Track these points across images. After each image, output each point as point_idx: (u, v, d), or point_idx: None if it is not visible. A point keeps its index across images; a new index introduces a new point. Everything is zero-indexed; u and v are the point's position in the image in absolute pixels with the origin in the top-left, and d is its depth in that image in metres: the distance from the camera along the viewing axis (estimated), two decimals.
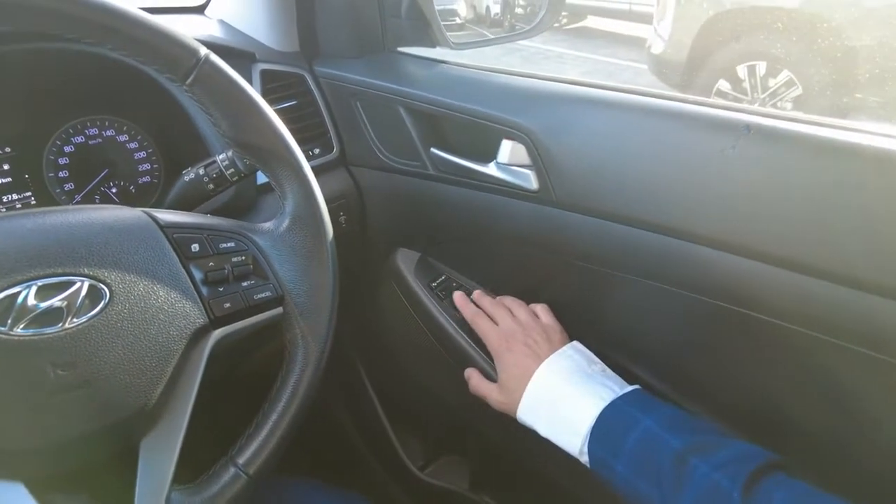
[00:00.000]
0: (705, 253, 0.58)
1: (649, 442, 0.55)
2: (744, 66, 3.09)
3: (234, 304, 0.49)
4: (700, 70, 3.27)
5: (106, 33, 0.45)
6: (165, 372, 0.45)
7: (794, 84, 2.96)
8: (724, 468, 0.50)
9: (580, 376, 0.63)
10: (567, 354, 0.66)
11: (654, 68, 3.58)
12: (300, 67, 0.83)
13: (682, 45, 3.28)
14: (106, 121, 0.75)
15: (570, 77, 0.69)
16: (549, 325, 0.72)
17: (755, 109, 0.58)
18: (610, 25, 5.60)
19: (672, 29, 3.33)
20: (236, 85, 0.50)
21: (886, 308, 0.49)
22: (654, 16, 3.56)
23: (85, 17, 0.44)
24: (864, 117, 2.82)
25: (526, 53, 4.90)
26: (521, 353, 0.68)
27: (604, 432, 0.58)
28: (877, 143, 0.50)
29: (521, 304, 0.75)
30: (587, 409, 0.60)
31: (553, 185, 0.66)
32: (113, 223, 0.47)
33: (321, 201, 0.55)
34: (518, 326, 0.71)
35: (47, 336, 0.41)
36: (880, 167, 0.50)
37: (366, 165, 0.85)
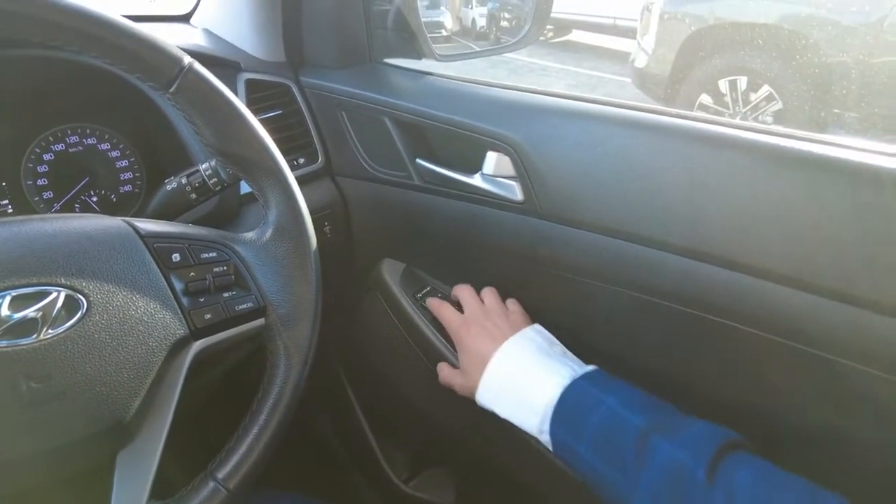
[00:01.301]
0: (686, 264, 0.58)
1: (612, 421, 0.55)
2: (725, 81, 3.15)
3: (215, 315, 0.49)
4: (683, 84, 3.32)
5: (89, 41, 0.45)
6: (144, 384, 0.44)
7: (774, 98, 3.02)
8: (687, 447, 0.50)
9: (539, 355, 0.63)
10: (527, 336, 0.66)
11: (638, 82, 3.63)
12: (286, 77, 0.82)
13: (665, 60, 3.33)
14: (87, 128, 0.74)
15: (554, 90, 0.70)
16: (513, 311, 0.72)
17: (733, 122, 0.59)
18: (594, 39, 5.68)
19: (655, 43, 3.39)
20: (220, 94, 0.50)
21: (858, 317, 0.50)
22: (637, 30, 3.61)
23: (68, 24, 0.43)
24: (841, 132, 2.88)
25: (512, 66, 4.94)
26: (479, 336, 0.68)
27: (566, 413, 0.58)
28: (851, 157, 0.52)
29: (491, 291, 0.75)
30: (547, 387, 0.59)
31: (537, 196, 0.66)
32: (92, 232, 0.46)
33: (305, 212, 0.54)
34: (481, 311, 0.71)
35: (21, 347, 0.40)
36: (855, 180, 0.51)
37: (351, 176, 0.84)
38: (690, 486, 0.48)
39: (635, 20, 3.73)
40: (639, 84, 3.64)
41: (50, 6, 0.42)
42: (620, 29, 5.04)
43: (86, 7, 0.44)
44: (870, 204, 0.50)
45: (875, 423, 0.54)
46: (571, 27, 5.82)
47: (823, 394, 0.56)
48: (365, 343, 0.96)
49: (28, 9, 0.42)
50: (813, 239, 0.52)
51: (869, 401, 0.53)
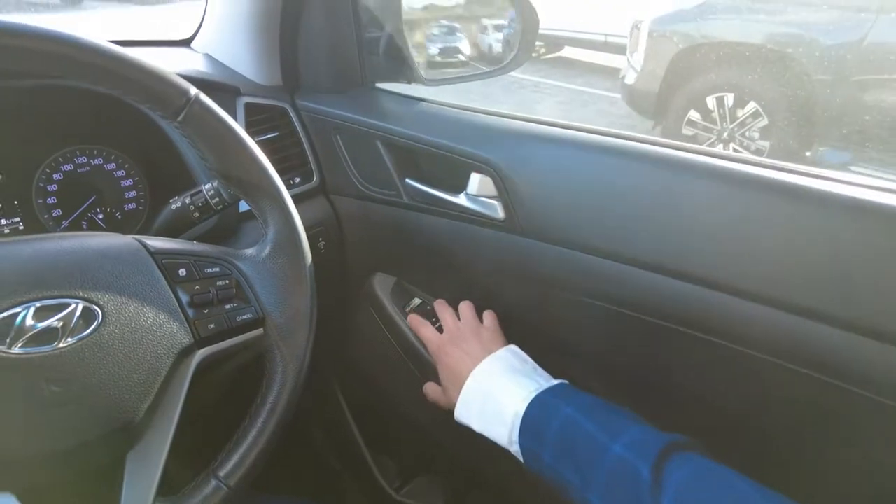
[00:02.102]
0: (657, 279, 0.63)
1: (569, 428, 0.58)
2: (713, 97, 3.22)
3: (217, 324, 0.53)
4: (671, 100, 3.39)
5: (102, 75, 0.48)
6: (152, 388, 0.48)
7: (760, 115, 3.09)
8: (633, 447, 0.53)
9: (510, 373, 0.67)
10: (500, 356, 0.71)
11: (628, 98, 3.70)
12: (282, 101, 0.87)
13: (655, 76, 3.40)
14: (94, 150, 0.78)
15: (532, 116, 0.74)
16: (488, 328, 0.77)
17: (700, 149, 0.64)
18: (585, 56, 5.76)
19: (645, 60, 3.46)
20: (224, 123, 0.54)
21: (835, 337, 0.53)
22: (627, 47, 3.68)
23: (82, 59, 0.47)
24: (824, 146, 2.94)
25: (504, 82, 5.00)
26: (455, 357, 0.73)
27: (531, 424, 0.61)
28: (824, 187, 0.55)
29: (468, 307, 0.79)
30: (514, 400, 0.63)
31: (517, 214, 0.71)
32: (106, 249, 0.50)
33: (301, 230, 0.59)
34: (457, 331, 0.76)
35: (43, 354, 0.44)
36: (825, 206, 0.55)
37: (344, 194, 0.89)
38: (636, 485, 0.50)
39: (625, 37, 3.80)
40: (628, 100, 3.71)
41: (65, 42, 0.46)
42: (611, 46, 5.12)
43: (99, 42, 0.48)
44: (841, 227, 0.54)
45: (850, 438, 0.57)
46: (563, 44, 5.91)
47: (797, 407, 0.59)
48: (357, 354, 1.00)
49: (44, 45, 0.45)
50: (783, 258, 0.56)
51: (842, 415, 0.56)
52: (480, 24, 1.01)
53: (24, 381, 0.43)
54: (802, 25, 2.93)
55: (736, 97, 3.15)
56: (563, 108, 4.75)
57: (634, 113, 3.72)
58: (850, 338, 0.52)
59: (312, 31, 0.84)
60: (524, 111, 0.77)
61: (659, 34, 3.41)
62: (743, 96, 3.13)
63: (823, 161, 2.92)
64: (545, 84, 5.22)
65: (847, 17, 2.81)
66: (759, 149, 3.12)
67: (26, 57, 0.45)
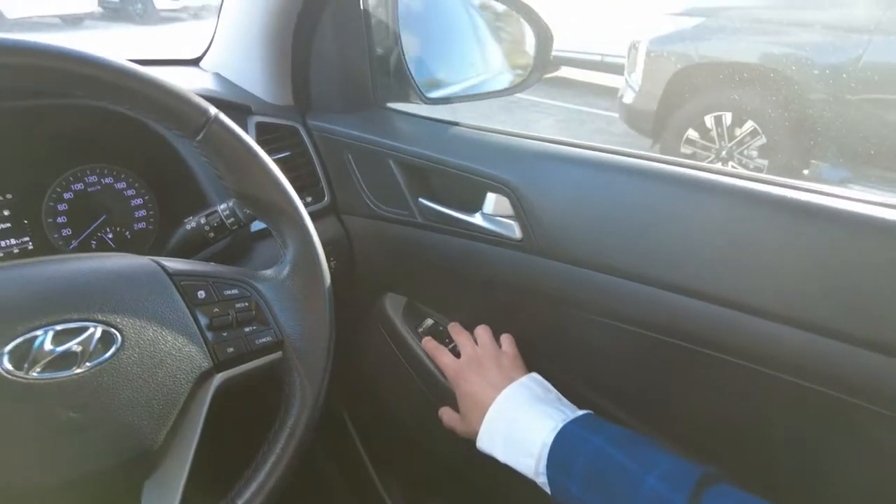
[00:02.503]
0: (676, 299, 0.62)
1: (598, 459, 0.57)
2: (711, 116, 3.25)
3: (237, 348, 0.52)
4: (670, 119, 3.42)
5: (123, 94, 0.48)
6: (171, 414, 0.47)
7: (758, 133, 3.12)
8: (667, 479, 0.52)
9: (534, 402, 0.66)
10: (524, 384, 0.70)
11: (626, 117, 3.73)
12: (294, 120, 0.87)
13: (653, 96, 3.43)
14: (105, 168, 0.78)
15: (548, 136, 0.74)
16: (507, 353, 0.75)
17: (717, 168, 0.63)
18: (583, 75, 5.82)
19: (643, 80, 3.49)
20: (243, 142, 0.54)
21: (840, 350, 0.53)
22: (625, 67, 3.72)
23: (104, 78, 0.47)
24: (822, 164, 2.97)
25: (502, 101, 5.04)
26: (474, 384, 0.72)
27: (558, 455, 0.61)
28: (829, 203, 0.56)
29: (485, 332, 0.78)
30: (540, 431, 0.62)
31: (535, 234, 0.70)
32: (125, 271, 0.49)
33: (320, 252, 0.58)
34: (475, 357, 0.75)
35: (61, 379, 0.43)
36: (831, 223, 0.55)
37: (356, 213, 0.88)
38: None
39: (622, 57, 3.84)
40: (627, 119, 3.74)
41: (88, 62, 0.46)
42: (608, 65, 5.18)
43: (122, 62, 0.48)
44: (847, 244, 0.54)
45: (866, 458, 0.57)
46: (560, 63, 5.97)
47: (823, 430, 0.59)
48: (365, 374, 0.99)
49: (67, 64, 0.45)
50: (807, 279, 0.55)
51: (861, 435, 0.56)
52: (492, 42, 1.01)
53: (42, 406, 0.42)
54: (798, 46, 2.96)
55: (734, 116, 3.19)
56: (560, 126, 4.78)
57: (632, 131, 3.75)
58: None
59: (325, 51, 0.84)
60: (522, 129, 0.77)
61: (656, 54, 3.45)
62: (741, 115, 3.16)
63: (822, 178, 2.94)
64: (543, 103, 5.26)
65: (842, 38, 2.84)
66: (757, 167, 3.14)
67: (49, 76, 0.45)
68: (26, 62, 0.44)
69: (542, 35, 0.85)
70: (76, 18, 8.63)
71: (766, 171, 3.10)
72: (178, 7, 9.77)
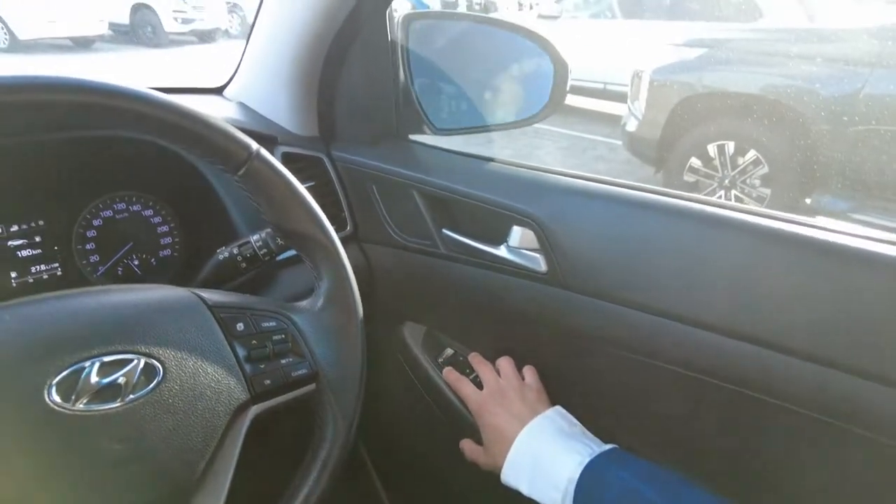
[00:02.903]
0: (703, 336, 0.63)
1: (626, 494, 0.58)
2: (714, 145, 3.28)
3: (273, 380, 0.52)
4: (673, 147, 3.45)
5: (168, 130, 0.49)
6: (210, 446, 0.48)
7: (760, 163, 3.15)
8: None
9: (560, 436, 0.67)
10: (549, 417, 0.70)
11: (629, 144, 3.77)
12: (319, 151, 0.88)
13: (656, 124, 3.46)
14: (133, 196, 0.79)
15: (572, 171, 0.76)
16: (531, 386, 0.76)
17: (740, 206, 0.65)
18: (585, 103, 5.88)
19: (646, 109, 3.53)
20: (284, 178, 0.55)
21: (865, 388, 0.54)
22: (628, 96, 3.76)
23: (150, 114, 0.48)
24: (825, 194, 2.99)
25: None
26: (499, 417, 0.72)
27: (585, 490, 0.61)
28: (842, 241, 0.57)
29: (508, 364, 0.78)
30: (566, 465, 0.62)
31: (560, 267, 0.71)
32: (166, 303, 0.50)
33: (354, 285, 0.59)
34: (498, 389, 0.75)
35: (106, 411, 0.44)
36: (846, 262, 0.56)
37: (378, 242, 0.89)
38: None
39: (625, 85, 3.89)
40: (630, 147, 3.78)
41: (134, 98, 0.47)
42: (610, 93, 5.23)
43: (168, 99, 0.49)
44: (859, 281, 0.55)
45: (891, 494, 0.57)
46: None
47: (850, 467, 0.59)
48: (382, 403, 0.99)
49: (114, 101, 0.46)
50: (831, 316, 0.56)
51: (889, 472, 0.56)
52: (507, 73, 1.02)
53: (87, 439, 0.43)
54: (800, 77, 3.01)
55: (736, 145, 3.22)
56: (563, 153, 4.83)
57: (635, 159, 3.79)
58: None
59: (351, 85, 0.86)
60: (526, 157, 0.79)
61: (660, 83, 3.49)
62: (743, 144, 3.19)
63: (825, 208, 2.96)
64: (545, 129, 5.31)
65: (844, 70, 2.89)
66: (760, 196, 3.16)
67: (97, 113, 0.46)
68: (73, 100, 0.45)
69: (560, 68, 0.86)
70: (87, 41, 8.76)
71: (768, 200, 3.13)
72: (187, 31, 9.92)
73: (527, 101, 0.95)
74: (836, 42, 3.17)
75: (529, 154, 4.49)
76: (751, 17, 4.36)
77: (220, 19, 10.23)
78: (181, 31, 9.84)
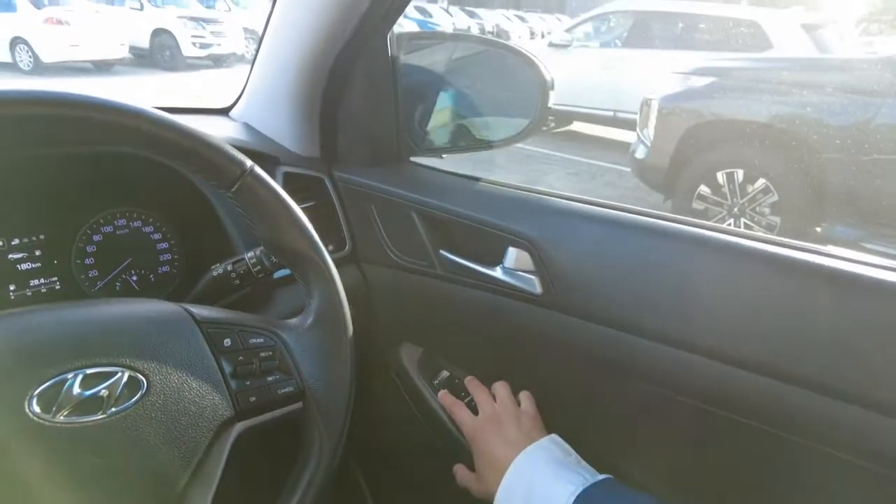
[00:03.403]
0: (695, 360, 0.62)
1: None
2: (723, 173, 3.27)
3: (259, 397, 0.52)
4: (682, 174, 3.45)
5: (161, 144, 0.50)
6: (192, 462, 0.47)
7: (770, 191, 3.13)
8: None
9: (554, 465, 0.65)
10: (543, 446, 0.69)
11: (638, 171, 3.77)
12: (320, 171, 0.88)
13: (665, 152, 3.47)
14: (134, 212, 0.80)
15: (568, 192, 0.76)
16: (527, 412, 0.75)
17: (737, 231, 0.64)
18: (594, 130, 5.92)
19: (655, 136, 3.54)
20: (276, 195, 0.55)
21: (870, 420, 0.53)
22: (637, 123, 3.78)
23: (144, 129, 0.49)
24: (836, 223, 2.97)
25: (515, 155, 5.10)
26: (493, 443, 0.71)
27: None
28: (836, 265, 0.56)
29: (504, 389, 0.77)
30: (559, 495, 0.61)
31: (555, 290, 0.70)
32: (154, 316, 0.50)
33: (344, 303, 0.59)
34: (493, 415, 0.74)
35: (87, 424, 0.43)
36: (841, 286, 0.56)
37: (376, 262, 0.89)
38: None
39: (634, 113, 3.91)
40: (638, 174, 3.78)
41: (128, 113, 0.48)
42: (620, 120, 5.26)
43: (160, 114, 0.50)
44: (857, 306, 0.54)
45: None
46: (573, 118, 6.08)
47: (854, 499, 0.58)
48: (377, 424, 0.98)
49: (111, 116, 0.47)
50: (828, 343, 0.55)
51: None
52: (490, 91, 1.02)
53: (67, 451, 0.43)
54: (809, 106, 3.01)
55: (746, 173, 3.21)
56: (572, 179, 4.84)
57: (643, 185, 3.79)
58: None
59: (353, 108, 0.87)
60: (535, 182, 0.79)
61: (669, 111, 3.51)
62: (753, 172, 3.19)
63: (835, 237, 2.93)
64: (555, 156, 5.33)
65: (854, 100, 2.89)
66: (770, 224, 3.14)
67: (92, 127, 0.47)
68: (69, 114, 0.46)
69: (542, 86, 0.86)
70: (107, 64, 8.97)
71: (778, 229, 3.11)
72: (203, 55, 10.15)
73: (516, 117, 0.94)
74: (847, 72, 3.18)
75: (538, 180, 4.51)
76: (760, 48, 4.39)
77: (236, 45, 10.46)
78: (198, 55, 10.07)
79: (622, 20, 5.84)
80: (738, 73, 3.51)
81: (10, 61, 8.34)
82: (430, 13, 12.48)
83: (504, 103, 0.94)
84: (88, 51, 8.62)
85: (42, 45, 8.24)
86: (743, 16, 4.90)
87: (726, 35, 4.83)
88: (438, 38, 0.99)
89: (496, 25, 13.07)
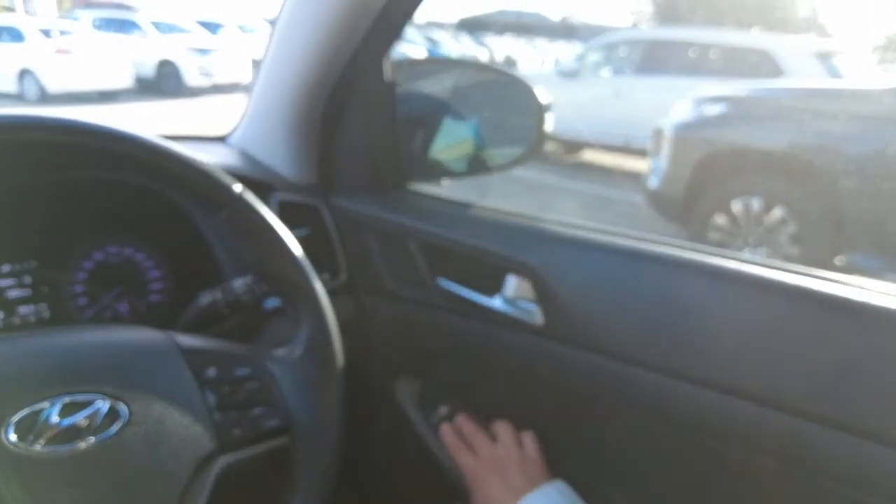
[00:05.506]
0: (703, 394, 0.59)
1: None
2: (739, 202, 3.22)
3: (243, 430, 0.50)
4: (696, 204, 3.41)
5: (152, 169, 0.50)
6: (172, 495, 0.45)
7: (786, 221, 3.08)
8: None
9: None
10: (548, 494, 0.66)
11: (651, 201, 3.73)
12: (316, 199, 0.87)
13: (678, 181, 3.43)
14: (126, 240, 0.78)
15: (569, 220, 0.73)
16: (530, 457, 0.71)
17: (743, 257, 0.62)
18: (605, 159, 5.89)
19: (668, 165, 3.51)
20: (265, 221, 0.54)
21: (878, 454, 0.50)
22: (650, 152, 3.76)
23: (136, 154, 0.49)
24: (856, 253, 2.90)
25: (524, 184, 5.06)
26: (495, 489, 0.68)
27: None
28: (849, 295, 0.54)
29: (506, 430, 0.74)
30: None
31: (557, 321, 0.68)
32: (138, 344, 0.49)
33: (335, 334, 0.57)
34: (494, 458, 0.71)
35: (63, 454, 0.42)
36: (851, 316, 0.53)
37: (372, 292, 0.87)
38: None
39: (646, 140, 3.89)
40: (652, 203, 3.74)
41: (119, 138, 0.48)
42: (632, 149, 5.24)
43: (152, 139, 0.50)
44: (868, 337, 0.52)
45: None
46: (582, 147, 6.07)
47: None
48: (374, 460, 0.94)
49: (100, 141, 0.47)
50: (830, 373, 0.53)
51: None
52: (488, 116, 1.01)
53: (42, 481, 0.41)
54: (825, 135, 2.97)
55: (762, 203, 3.16)
56: (584, 209, 4.80)
57: (656, 215, 3.74)
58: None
59: (351, 134, 0.86)
60: (544, 211, 0.76)
61: (682, 139, 3.48)
62: (770, 202, 3.14)
63: (855, 267, 2.87)
64: (564, 186, 5.30)
65: (869, 128, 2.85)
66: (788, 255, 3.08)
67: (84, 151, 0.47)
68: (62, 139, 0.46)
69: (539, 110, 0.86)
70: (112, 94, 9.12)
71: (797, 259, 3.04)
72: (208, 85, 10.30)
73: (514, 142, 0.94)
74: (864, 100, 3.14)
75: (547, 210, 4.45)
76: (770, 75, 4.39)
77: (240, 74, 10.58)
78: (203, 84, 10.23)
79: (632, 48, 5.88)
80: (752, 101, 3.49)
81: (17, 91, 8.49)
82: (438, 41, 12.64)
83: (502, 128, 0.94)
84: (94, 80, 8.76)
85: (48, 74, 8.38)
86: (754, 45, 4.91)
87: (736, 62, 4.82)
88: (436, 64, 0.99)
89: (506, 56, 13.26)
